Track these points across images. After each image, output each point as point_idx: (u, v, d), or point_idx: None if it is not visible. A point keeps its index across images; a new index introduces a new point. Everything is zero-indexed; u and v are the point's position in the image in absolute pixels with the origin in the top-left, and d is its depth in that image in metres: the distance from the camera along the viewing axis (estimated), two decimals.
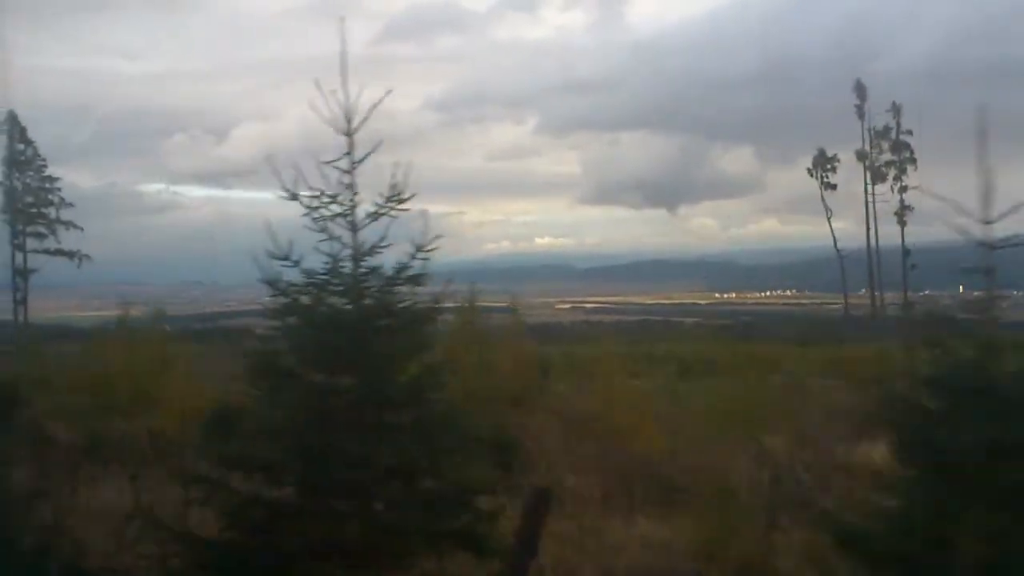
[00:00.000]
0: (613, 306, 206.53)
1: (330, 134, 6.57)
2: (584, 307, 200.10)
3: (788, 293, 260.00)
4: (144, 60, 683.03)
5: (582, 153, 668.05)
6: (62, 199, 50.14)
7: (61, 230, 50.02)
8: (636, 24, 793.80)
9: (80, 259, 51.08)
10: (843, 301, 76.33)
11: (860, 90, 66.80)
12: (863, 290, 77.74)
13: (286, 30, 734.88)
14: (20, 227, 48.52)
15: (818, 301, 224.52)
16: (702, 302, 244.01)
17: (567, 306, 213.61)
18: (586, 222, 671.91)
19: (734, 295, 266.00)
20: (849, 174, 70.01)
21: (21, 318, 51.14)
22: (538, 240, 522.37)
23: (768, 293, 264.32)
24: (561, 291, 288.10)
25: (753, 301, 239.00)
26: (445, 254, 7.27)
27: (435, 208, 41.80)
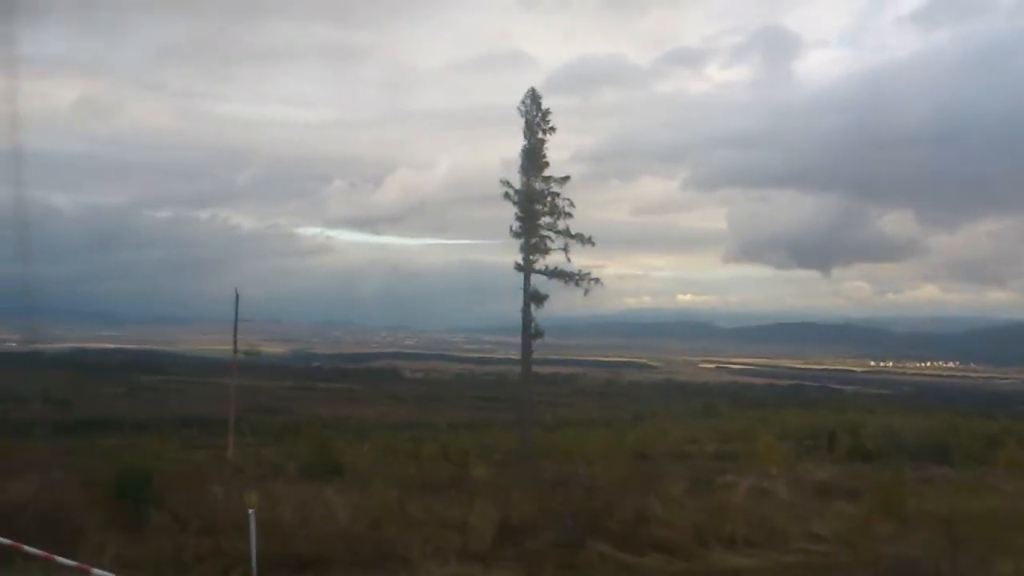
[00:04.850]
0: (761, 368, 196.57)
1: (477, 182, 3.83)
2: (729, 367, 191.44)
3: (951, 364, 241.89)
4: (313, 108, 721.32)
5: (729, 209, 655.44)
6: (569, 203, 38.36)
7: (574, 246, 38.09)
8: (800, 80, 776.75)
9: (588, 284, 38.75)
10: None
11: None
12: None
13: (448, 81, 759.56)
14: (530, 241, 38.17)
15: (986, 375, 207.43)
16: (857, 369, 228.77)
17: (711, 366, 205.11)
18: (729, 280, 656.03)
19: (891, 364, 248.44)
20: None
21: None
22: (679, 296, 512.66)
23: (928, 364, 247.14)
24: (702, 349, 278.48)
25: (913, 371, 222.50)
26: (585, 308, 5.29)
27: (576, 261, 38.22)
